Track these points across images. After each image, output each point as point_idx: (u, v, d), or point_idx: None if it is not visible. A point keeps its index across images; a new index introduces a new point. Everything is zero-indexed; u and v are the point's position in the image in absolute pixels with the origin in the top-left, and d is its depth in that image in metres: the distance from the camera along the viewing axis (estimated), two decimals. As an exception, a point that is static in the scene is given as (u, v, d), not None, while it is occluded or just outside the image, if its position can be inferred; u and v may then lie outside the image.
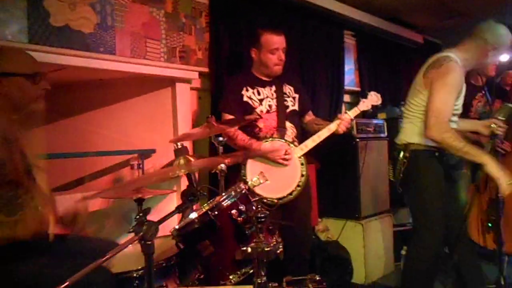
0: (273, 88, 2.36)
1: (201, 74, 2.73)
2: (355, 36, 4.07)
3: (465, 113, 3.42)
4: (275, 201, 2.11)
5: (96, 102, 2.92)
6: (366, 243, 3.09)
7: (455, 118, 2.22)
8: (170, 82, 2.65)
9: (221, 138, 2.02)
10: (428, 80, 2.13)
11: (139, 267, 1.49)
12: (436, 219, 2.25)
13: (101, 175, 2.81)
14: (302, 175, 2.25)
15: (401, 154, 2.26)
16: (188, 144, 2.68)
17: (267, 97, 2.33)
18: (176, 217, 2.64)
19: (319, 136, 2.29)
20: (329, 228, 3.27)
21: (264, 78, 2.37)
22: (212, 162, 1.71)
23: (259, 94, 2.32)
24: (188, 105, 2.72)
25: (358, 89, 4.12)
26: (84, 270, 0.87)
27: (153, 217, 1.09)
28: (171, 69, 2.54)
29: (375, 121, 3.38)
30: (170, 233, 1.56)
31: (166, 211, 2.62)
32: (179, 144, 1.13)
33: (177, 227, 1.54)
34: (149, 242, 0.97)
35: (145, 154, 2.66)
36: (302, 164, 2.27)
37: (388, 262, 3.33)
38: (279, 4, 3.10)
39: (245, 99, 2.29)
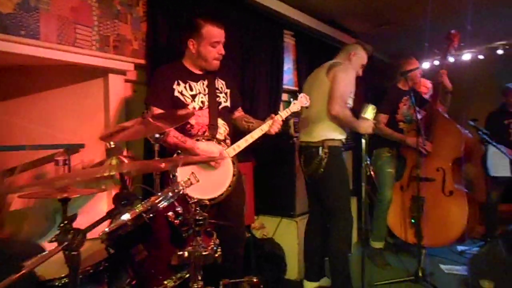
0: (205, 82, 2.25)
1: (137, 66, 2.58)
2: (294, 36, 4.14)
3: (393, 115, 3.66)
4: (207, 202, 2.06)
5: (16, 90, 2.63)
6: (300, 239, 3.17)
7: (350, 101, 2.77)
8: (102, 72, 2.47)
9: (157, 135, 1.92)
10: (331, 75, 2.71)
11: (62, 275, 1.37)
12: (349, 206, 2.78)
13: (20, 171, 2.55)
14: (234, 175, 2.21)
15: (320, 150, 2.68)
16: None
17: (200, 92, 2.22)
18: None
19: (252, 136, 2.25)
20: (265, 226, 3.30)
21: (196, 72, 2.25)
22: (146, 166, 1.60)
23: (191, 89, 2.20)
24: (122, 98, 2.56)
25: (296, 88, 4.20)
26: (9, 279, 0.76)
27: (80, 218, 0.99)
28: (103, 59, 2.37)
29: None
30: (98, 236, 1.45)
31: (95, 212, 2.47)
32: (112, 143, 1.04)
33: (107, 230, 1.43)
34: (75, 252, 0.88)
35: (72, 149, 2.46)
36: (233, 163, 2.23)
37: (320, 258, 3.45)
38: (221, -2, 3.05)
39: (176, 94, 2.16)
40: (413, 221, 3.32)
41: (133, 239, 1.42)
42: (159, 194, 1.77)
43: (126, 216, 1.45)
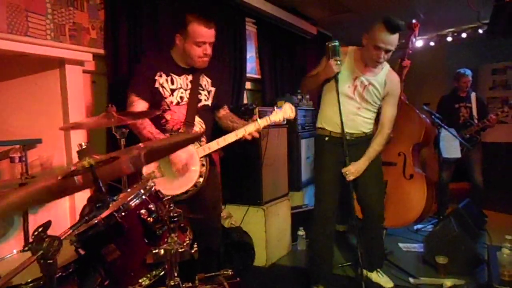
0: (190, 77, 2.18)
1: (95, 56, 2.46)
2: (256, 24, 4.12)
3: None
4: (182, 197, 2.04)
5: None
6: (267, 227, 3.22)
7: None
8: (59, 63, 2.34)
9: (124, 130, 1.85)
10: None
11: (29, 280, 1.31)
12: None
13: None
14: (201, 176, 2.15)
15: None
16: (83, 134, 2.44)
17: (180, 87, 2.15)
18: (67, 216, 2.41)
19: (225, 139, 2.17)
20: (232, 215, 3.32)
21: (182, 65, 2.17)
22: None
23: (172, 83, 2.13)
24: (81, 90, 2.44)
25: (259, 76, 4.20)
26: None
27: (40, 216, 0.94)
28: (59, 49, 2.24)
29: (275, 110, 3.48)
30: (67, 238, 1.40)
31: (57, 209, 2.37)
32: (83, 143, 0.99)
33: (76, 231, 1.38)
34: (51, 261, 0.84)
35: (29, 144, 2.33)
36: (203, 165, 2.16)
37: (286, 244, 3.54)
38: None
39: (156, 85, 2.09)
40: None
41: (104, 239, 1.38)
42: (128, 190, 1.75)
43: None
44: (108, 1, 2.47)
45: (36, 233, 0.83)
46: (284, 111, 2.27)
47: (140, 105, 2.06)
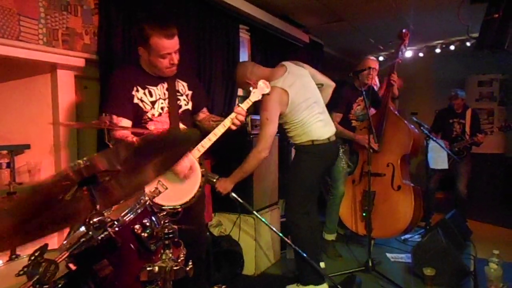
0: (165, 85, 2.14)
1: (88, 61, 2.42)
2: (249, 31, 4.11)
3: (346, 114, 3.79)
4: (179, 209, 2.02)
5: None
6: (257, 235, 3.22)
7: None
8: (50, 68, 2.30)
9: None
10: None
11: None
12: None
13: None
14: (202, 175, 2.18)
15: None
16: (73, 141, 2.40)
17: (159, 98, 2.11)
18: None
19: (215, 133, 2.17)
20: (222, 223, 3.30)
21: (154, 75, 2.12)
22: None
23: (151, 95, 2.08)
24: (72, 95, 2.40)
25: (250, 83, 4.19)
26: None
27: None
28: (51, 54, 2.20)
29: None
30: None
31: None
32: (83, 160, 0.96)
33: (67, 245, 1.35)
34: (47, 286, 0.82)
35: (17, 150, 2.28)
36: (200, 164, 2.20)
37: (275, 252, 3.53)
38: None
39: (135, 101, 2.03)
40: (364, 214, 3.48)
41: (96, 254, 1.35)
42: (121, 202, 1.72)
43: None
44: (102, 6, 2.44)
45: (32, 257, 0.81)
46: (260, 89, 2.34)
47: (124, 123, 2.01)
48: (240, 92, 4.03)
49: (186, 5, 3.09)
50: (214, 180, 2.48)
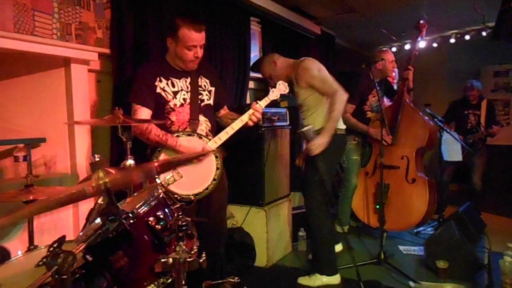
0: (188, 80, 2.21)
1: (101, 55, 2.45)
2: (260, 23, 4.10)
3: (361, 105, 3.76)
4: (192, 197, 2.05)
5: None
6: (268, 228, 3.23)
7: None
8: (64, 62, 2.32)
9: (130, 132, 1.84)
10: None
11: None
12: None
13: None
14: (217, 168, 2.21)
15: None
16: (87, 134, 2.43)
17: (182, 89, 2.18)
18: (70, 217, 2.41)
19: (233, 127, 2.24)
20: (234, 215, 3.32)
21: (179, 69, 2.20)
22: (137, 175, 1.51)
23: (173, 86, 2.16)
24: (86, 89, 2.43)
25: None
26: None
27: (43, 216, 0.93)
28: (65, 49, 2.23)
29: (279, 110, 3.48)
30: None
31: (60, 211, 2.35)
32: (96, 156, 0.98)
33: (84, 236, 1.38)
34: (65, 276, 0.84)
35: (33, 143, 2.32)
36: (216, 157, 2.22)
37: (287, 244, 3.55)
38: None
39: (158, 90, 2.12)
40: (377, 206, 3.46)
41: (112, 245, 1.38)
42: (135, 194, 1.75)
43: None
44: (114, 0, 2.45)
45: (51, 249, 0.83)
46: (279, 89, 2.47)
47: (143, 113, 2.09)
48: (251, 85, 4.03)
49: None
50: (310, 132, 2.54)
